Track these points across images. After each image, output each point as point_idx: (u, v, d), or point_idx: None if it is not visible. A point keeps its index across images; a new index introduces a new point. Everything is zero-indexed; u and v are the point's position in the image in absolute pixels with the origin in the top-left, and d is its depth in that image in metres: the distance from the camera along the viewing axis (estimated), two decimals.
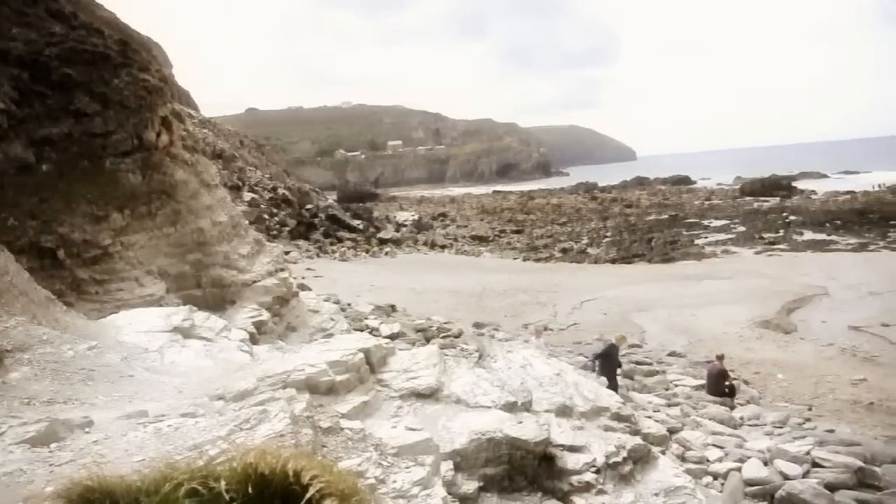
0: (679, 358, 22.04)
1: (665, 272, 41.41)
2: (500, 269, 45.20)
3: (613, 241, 58.05)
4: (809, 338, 24.86)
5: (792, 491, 9.62)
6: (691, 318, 27.61)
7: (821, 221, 59.78)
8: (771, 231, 57.56)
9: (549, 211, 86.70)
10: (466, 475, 6.51)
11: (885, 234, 51.84)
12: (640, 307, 29.89)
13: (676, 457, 11.45)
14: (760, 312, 27.88)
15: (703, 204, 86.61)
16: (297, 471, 2.77)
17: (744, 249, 50.07)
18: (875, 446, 12.93)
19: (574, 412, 8.23)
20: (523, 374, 8.72)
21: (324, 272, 38.40)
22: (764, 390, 18.63)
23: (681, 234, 60.15)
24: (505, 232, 69.26)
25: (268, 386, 6.25)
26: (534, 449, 6.90)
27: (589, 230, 66.87)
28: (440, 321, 25.28)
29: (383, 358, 7.95)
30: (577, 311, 29.61)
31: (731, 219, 67.92)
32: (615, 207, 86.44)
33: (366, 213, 66.95)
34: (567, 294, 33.42)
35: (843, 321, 26.65)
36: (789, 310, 28.83)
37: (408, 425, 6.16)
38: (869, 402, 17.29)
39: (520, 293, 33.99)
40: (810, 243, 50.31)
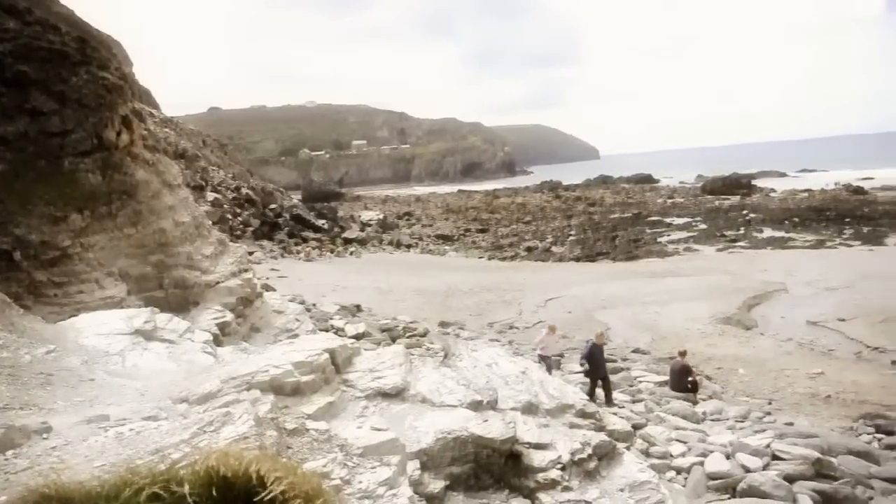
0: (643, 355, 22.28)
1: (629, 270, 41.80)
2: (465, 268, 45.27)
3: (578, 240, 58.44)
4: (769, 333, 25.30)
5: (753, 483, 9.77)
6: (655, 316, 27.91)
7: (780, 219, 60.87)
8: (732, 229, 58.44)
9: (514, 210, 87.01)
10: (433, 474, 6.50)
11: (841, 231, 52.99)
12: (605, 305, 30.15)
13: (641, 452, 11.56)
14: (722, 309, 28.30)
15: (665, 202, 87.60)
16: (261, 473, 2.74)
17: (706, 247, 50.76)
18: (831, 438, 13.21)
19: (540, 410, 8.27)
20: (489, 372, 8.74)
21: (288, 272, 38.13)
22: (726, 385, 18.91)
23: (644, 232, 60.79)
24: (470, 231, 69.39)
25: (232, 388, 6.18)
26: (500, 447, 6.91)
27: (553, 229, 67.24)
28: (406, 321, 25.25)
29: (349, 358, 7.91)
30: (542, 310, 29.75)
31: (693, 217, 68.81)
32: (579, 206, 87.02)
33: (330, 212, 66.57)
34: (532, 292, 33.57)
35: (801, 316, 27.18)
36: (750, 306, 29.31)
37: (373, 425, 6.14)
38: (826, 395, 17.66)
39: (485, 292, 34.07)
40: (770, 240, 51.19)
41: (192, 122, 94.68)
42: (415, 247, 59.26)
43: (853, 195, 77.40)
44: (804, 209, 65.42)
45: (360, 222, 67.62)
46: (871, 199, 72.26)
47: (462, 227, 72.09)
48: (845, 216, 59.60)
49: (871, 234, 50.79)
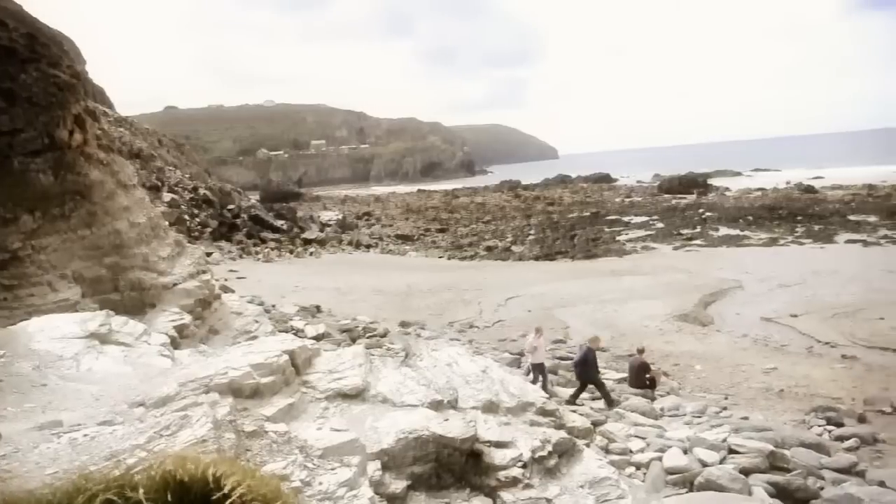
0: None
1: (588, 268, 42.19)
2: (425, 268, 45.27)
3: (537, 239, 58.78)
4: (725, 330, 25.76)
5: (709, 477, 9.93)
6: (613, 313, 28.22)
7: (734, 217, 61.91)
8: (688, 227, 59.30)
9: (474, 209, 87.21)
10: (394, 474, 6.49)
11: (793, 230, 54.11)
12: (564, 303, 30.38)
13: (600, 449, 11.68)
14: (679, 306, 28.72)
15: (623, 201, 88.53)
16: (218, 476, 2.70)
17: (663, 245, 51.43)
18: (785, 431, 13.51)
19: (500, 408, 8.30)
20: (449, 372, 8.75)
21: (247, 273, 37.76)
22: (683, 381, 19.20)
23: (602, 230, 61.37)
24: (430, 231, 69.39)
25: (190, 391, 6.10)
26: (461, 446, 6.92)
27: (513, 228, 67.54)
28: (366, 321, 25.17)
29: (308, 359, 7.86)
30: (502, 309, 29.89)
31: (651, 215, 69.61)
32: (538, 205, 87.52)
33: (289, 213, 66.06)
34: (492, 292, 33.71)
35: (755, 313, 27.73)
36: (706, 303, 29.81)
37: (333, 426, 6.10)
38: (780, 390, 18.04)
39: (445, 291, 34.12)
40: (725, 238, 52.08)
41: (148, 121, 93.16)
42: (374, 247, 59.10)
43: (804, 194, 79.14)
44: (758, 208, 66.66)
45: (319, 223, 67.20)
46: (822, 198, 73.93)
47: (422, 227, 72.06)
48: (797, 215, 60.90)
49: (822, 232, 51.96)
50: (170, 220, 28.84)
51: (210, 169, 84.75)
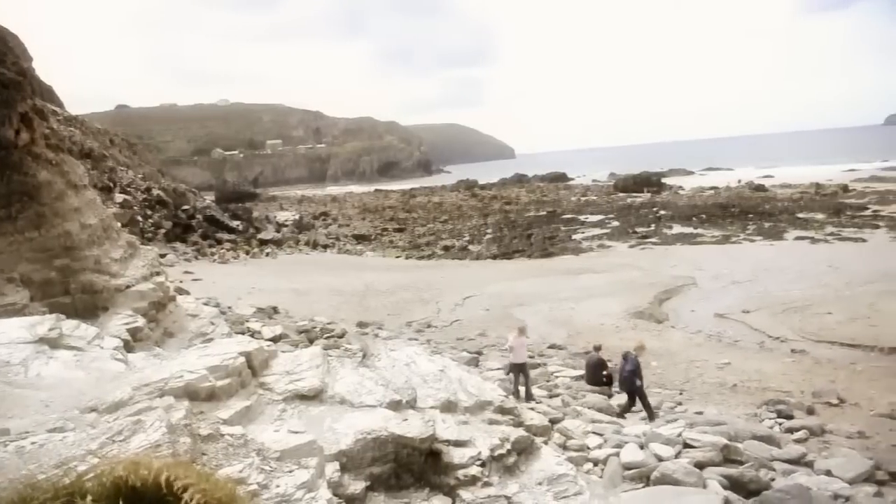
0: (559, 350, 22.69)
1: (544, 267, 42.49)
2: (382, 268, 45.18)
3: (494, 238, 59.02)
4: (680, 326, 26.18)
5: (665, 471, 10.07)
6: (570, 311, 28.46)
7: (688, 216, 62.93)
8: (643, 225, 60.07)
9: (431, 209, 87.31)
10: (353, 475, 6.45)
11: (745, 227, 55.22)
12: (521, 302, 30.56)
13: (558, 446, 11.78)
14: (635, 303, 29.09)
15: (579, 200, 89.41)
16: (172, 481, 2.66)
17: (618, 243, 52.01)
18: (738, 424, 13.78)
19: (459, 407, 8.31)
20: (407, 371, 8.74)
21: (202, 275, 37.26)
22: None
23: (559, 229, 61.85)
24: (387, 230, 69.26)
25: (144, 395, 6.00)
26: (419, 446, 6.92)
27: (470, 227, 67.76)
28: (323, 322, 25.01)
29: (265, 361, 7.79)
30: (460, 308, 29.96)
31: (606, 214, 70.36)
32: (495, 204, 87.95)
33: (245, 213, 65.37)
34: (450, 291, 33.76)
35: (709, 309, 28.24)
36: (661, 300, 30.25)
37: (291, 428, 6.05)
38: (733, 384, 18.39)
39: (403, 291, 34.08)
40: (679, 236, 52.90)
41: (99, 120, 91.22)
42: (332, 247, 58.78)
43: (755, 192, 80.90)
44: (711, 206, 67.89)
45: (275, 223, 66.56)
46: (772, 196, 75.69)
47: (379, 227, 71.91)
48: (748, 213, 62.19)
49: (772, 229, 53.09)
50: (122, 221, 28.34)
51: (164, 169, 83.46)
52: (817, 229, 51.60)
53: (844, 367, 20.21)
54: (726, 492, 9.62)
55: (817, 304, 27.51)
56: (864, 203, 64.86)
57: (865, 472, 11.01)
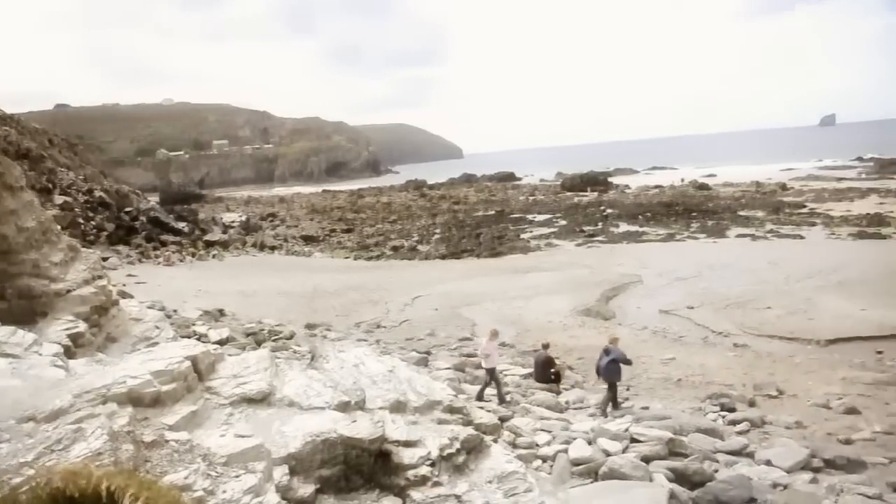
0: (508, 348, 22.80)
1: (493, 266, 42.70)
2: (331, 269, 44.90)
3: (443, 238, 59.13)
4: (626, 323, 26.58)
5: (613, 466, 10.22)
6: (519, 310, 28.66)
7: (634, 214, 63.95)
8: (590, 224, 60.82)
9: (380, 209, 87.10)
10: (302, 478, 6.43)
11: (689, 225, 56.37)
12: (470, 301, 30.67)
13: (508, 444, 11.84)
14: (582, 301, 29.44)
15: (527, 199, 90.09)
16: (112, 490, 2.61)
17: (566, 242, 52.56)
18: (683, 418, 14.06)
19: (408, 407, 8.33)
20: (356, 373, 8.72)
21: (147, 278, 36.53)
22: (587, 375, 19.62)
23: (507, 228, 62.24)
24: (335, 231, 68.86)
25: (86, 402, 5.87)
26: (369, 447, 6.92)
27: (419, 227, 67.77)
28: (271, 324, 24.74)
29: (212, 364, 7.69)
30: (409, 308, 29.94)
31: (554, 213, 71.05)
32: (444, 204, 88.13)
33: (191, 215, 64.32)
34: (399, 291, 33.72)
35: (654, 306, 28.76)
36: (608, 297, 30.67)
37: (238, 432, 6.00)
38: (677, 379, 18.74)
39: (351, 292, 33.92)
40: (625, 235, 53.70)
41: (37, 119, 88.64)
42: (279, 248, 58.18)
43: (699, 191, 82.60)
44: (656, 204, 69.10)
45: (222, 224, 65.66)
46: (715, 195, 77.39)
47: (327, 228, 71.45)
48: (692, 211, 63.53)
49: (715, 227, 54.28)
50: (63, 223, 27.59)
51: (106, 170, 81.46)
52: (758, 227, 52.94)
53: (783, 359, 20.81)
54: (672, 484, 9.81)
55: (758, 300, 28.24)
56: (802, 201, 66.84)
57: (802, 460, 11.35)
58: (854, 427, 14.48)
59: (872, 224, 49.91)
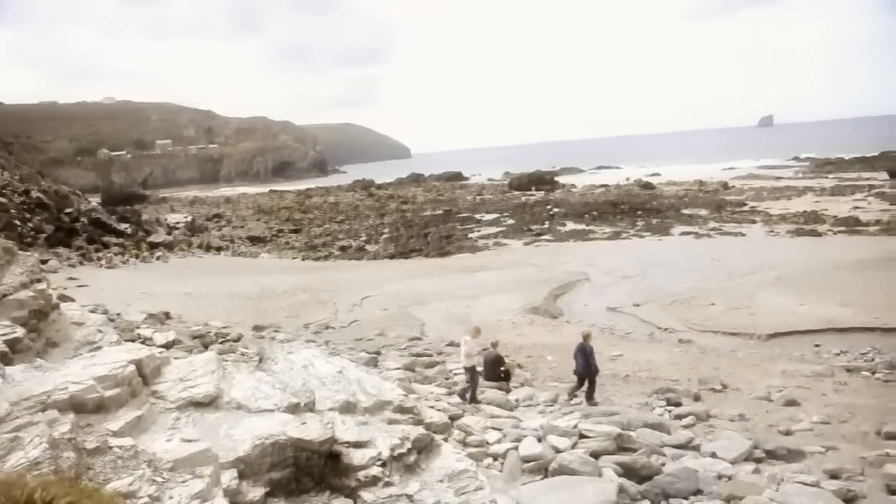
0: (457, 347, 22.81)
1: (441, 265, 42.79)
2: (278, 270, 44.47)
3: (391, 238, 59.01)
4: (574, 320, 26.89)
5: (562, 462, 10.33)
6: (467, 309, 28.77)
7: (580, 213, 64.71)
8: (537, 223, 61.37)
9: (327, 209, 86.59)
10: (252, 482, 6.35)
11: (634, 224, 57.30)
12: (419, 301, 30.68)
13: (458, 442, 11.87)
14: (530, 300, 29.70)
15: (475, 199, 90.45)
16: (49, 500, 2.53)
17: (514, 241, 52.94)
18: (630, 413, 14.31)
19: (358, 408, 8.28)
20: (305, 374, 8.64)
21: (89, 281, 35.68)
22: (536, 372, 19.84)
23: (455, 228, 62.43)
24: (283, 231, 68.21)
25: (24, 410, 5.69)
26: (319, 448, 6.86)
27: (367, 227, 67.55)
28: (218, 326, 24.35)
29: (157, 368, 7.54)
30: (358, 308, 29.82)
31: (502, 212, 71.48)
32: (392, 204, 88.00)
33: (134, 216, 62.94)
34: (347, 291, 33.56)
35: (602, 303, 29.18)
36: (556, 296, 31.00)
37: (185, 437, 5.89)
38: (625, 375, 19.04)
39: (299, 293, 33.64)
40: (572, 233, 54.33)
41: None
42: (226, 249, 57.44)
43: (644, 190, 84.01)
44: (602, 203, 70.01)
45: (166, 225, 64.45)
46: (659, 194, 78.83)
47: (274, 228, 70.76)
48: (637, 209, 64.57)
49: (660, 225, 55.29)
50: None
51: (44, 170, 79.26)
52: (701, 225, 54.10)
53: (727, 354, 21.31)
54: (620, 479, 9.95)
55: (702, 296, 28.85)
56: (743, 199, 68.56)
57: (746, 451, 11.64)
58: (794, 418, 14.93)
59: (809, 222, 51.46)
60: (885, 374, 18.59)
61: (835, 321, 23.95)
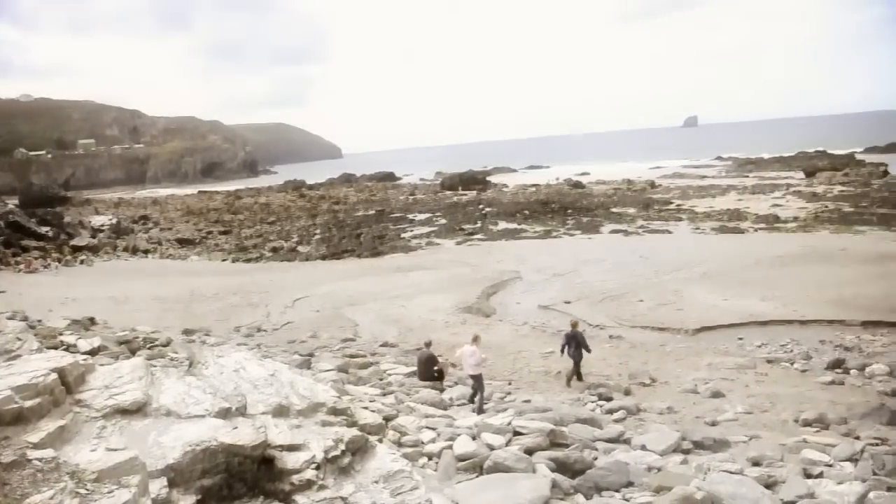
0: (391, 348, 22.83)
1: (375, 266, 42.65)
2: (208, 272, 43.65)
3: (323, 238, 58.54)
4: (507, 319, 27.16)
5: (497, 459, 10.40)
6: (401, 309, 28.75)
7: (512, 212, 65.28)
8: (470, 222, 61.67)
9: (258, 210, 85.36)
10: (182, 490, 6.22)
11: (564, 222, 58.13)
12: (353, 301, 30.53)
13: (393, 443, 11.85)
14: (463, 299, 29.87)
15: (407, 199, 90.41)
16: None
17: (446, 241, 53.07)
18: (563, 409, 14.53)
19: (291, 411, 8.20)
20: (237, 378, 8.51)
21: (7, 287, 34.40)
22: None
23: (388, 228, 62.27)
24: (212, 233, 66.89)
25: None
26: (251, 453, 6.77)
27: (299, 228, 66.80)
28: (146, 331, 23.72)
29: (81, 376, 7.32)
30: (291, 310, 29.51)
31: (434, 212, 71.59)
32: (324, 204, 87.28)
33: (55, 218, 60.80)
34: (279, 293, 33.16)
35: (534, 301, 29.55)
36: (489, 294, 31.25)
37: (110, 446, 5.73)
38: (557, 372, 19.32)
39: (230, 295, 33.09)
40: (504, 232, 54.77)
41: None
42: (153, 252, 56.08)
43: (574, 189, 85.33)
44: (533, 202, 70.81)
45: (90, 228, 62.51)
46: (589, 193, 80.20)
47: (204, 230, 69.33)
48: (567, 208, 65.53)
49: (590, 223, 56.24)
50: None
51: None
52: (629, 223, 55.23)
53: (655, 349, 21.85)
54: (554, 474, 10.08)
55: (631, 293, 29.49)
56: (669, 198, 70.36)
57: (674, 443, 11.95)
58: (719, 409, 15.43)
59: (732, 219, 53.11)
60: (803, 364, 19.41)
61: (756, 315, 24.82)
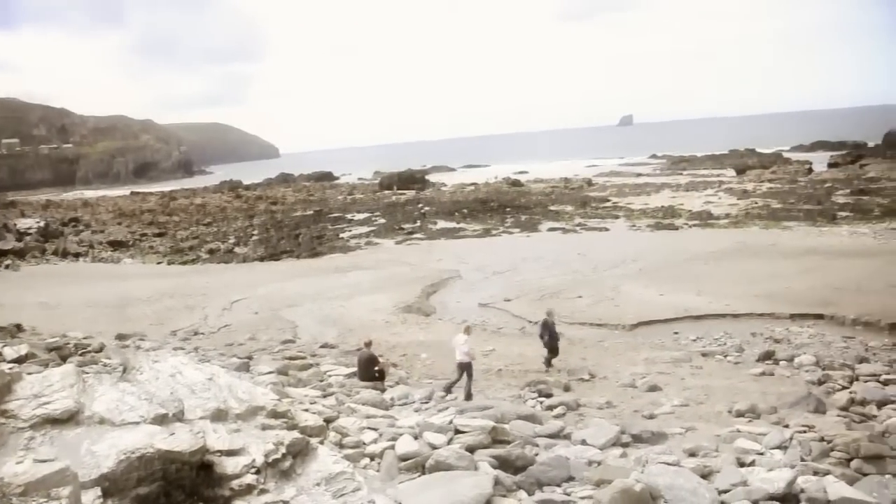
0: (331, 349, 22.66)
1: (313, 267, 42.32)
2: (142, 275, 42.65)
3: (261, 239, 57.85)
4: (447, 318, 27.26)
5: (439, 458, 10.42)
6: (341, 310, 28.59)
7: (451, 211, 65.53)
8: (409, 222, 61.67)
9: (194, 211, 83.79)
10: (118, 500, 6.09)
11: (503, 221, 58.63)
12: (291, 303, 30.24)
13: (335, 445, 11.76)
14: (403, 298, 29.86)
15: (346, 199, 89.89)
16: None
17: (386, 240, 53.00)
18: (504, 406, 14.62)
19: (230, 415, 8.09)
20: (173, 383, 8.35)
21: None
22: (410, 370, 19.95)
23: (326, 228, 61.89)
24: (146, 235, 65.35)
25: None
26: (189, 459, 6.66)
27: (236, 229, 65.82)
28: (77, 337, 22.97)
29: (7, 385, 7.08)
30: (228, 312, 29.07)
31: (373, 212, 71.39)
32: (261, 205, 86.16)
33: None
34: (217, 296, 32.63)
35: (474, 300, 29.72)
36: (428, 293, 31.31)
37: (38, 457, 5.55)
38: (498, 369, 19.45)
39: (166, 298, 32.41)
40: (443, 231, 54.95)
41: None
42: (84, 255, 54.52)
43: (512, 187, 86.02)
44: (472, 201, 71.18)
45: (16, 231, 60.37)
46: (527, 191, 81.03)
47: (137, 232, 67.67)
48: (506, 206, 66.09)
49: (528, 221, 56.84)
50: None
51: None
52: (567, 221, 56.01)
53: (594, 345, 22.20)
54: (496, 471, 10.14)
55: (569, 289, 29.89)
56: (606, 196, 71.56)
57: (613, 437, 12.15)
58: (656, 402, 15.75)
59: (667, 216, 54.33)
60: (735, 356, 20.00)
61: (691, 309, 25.44)
